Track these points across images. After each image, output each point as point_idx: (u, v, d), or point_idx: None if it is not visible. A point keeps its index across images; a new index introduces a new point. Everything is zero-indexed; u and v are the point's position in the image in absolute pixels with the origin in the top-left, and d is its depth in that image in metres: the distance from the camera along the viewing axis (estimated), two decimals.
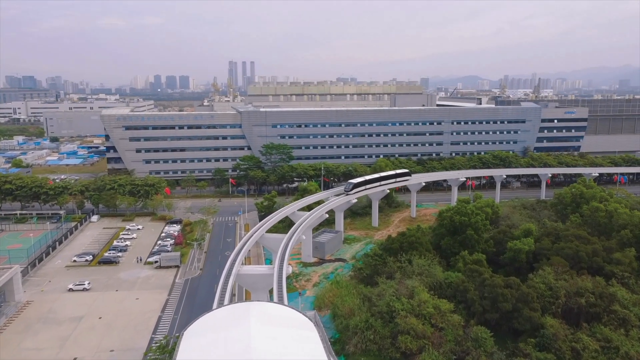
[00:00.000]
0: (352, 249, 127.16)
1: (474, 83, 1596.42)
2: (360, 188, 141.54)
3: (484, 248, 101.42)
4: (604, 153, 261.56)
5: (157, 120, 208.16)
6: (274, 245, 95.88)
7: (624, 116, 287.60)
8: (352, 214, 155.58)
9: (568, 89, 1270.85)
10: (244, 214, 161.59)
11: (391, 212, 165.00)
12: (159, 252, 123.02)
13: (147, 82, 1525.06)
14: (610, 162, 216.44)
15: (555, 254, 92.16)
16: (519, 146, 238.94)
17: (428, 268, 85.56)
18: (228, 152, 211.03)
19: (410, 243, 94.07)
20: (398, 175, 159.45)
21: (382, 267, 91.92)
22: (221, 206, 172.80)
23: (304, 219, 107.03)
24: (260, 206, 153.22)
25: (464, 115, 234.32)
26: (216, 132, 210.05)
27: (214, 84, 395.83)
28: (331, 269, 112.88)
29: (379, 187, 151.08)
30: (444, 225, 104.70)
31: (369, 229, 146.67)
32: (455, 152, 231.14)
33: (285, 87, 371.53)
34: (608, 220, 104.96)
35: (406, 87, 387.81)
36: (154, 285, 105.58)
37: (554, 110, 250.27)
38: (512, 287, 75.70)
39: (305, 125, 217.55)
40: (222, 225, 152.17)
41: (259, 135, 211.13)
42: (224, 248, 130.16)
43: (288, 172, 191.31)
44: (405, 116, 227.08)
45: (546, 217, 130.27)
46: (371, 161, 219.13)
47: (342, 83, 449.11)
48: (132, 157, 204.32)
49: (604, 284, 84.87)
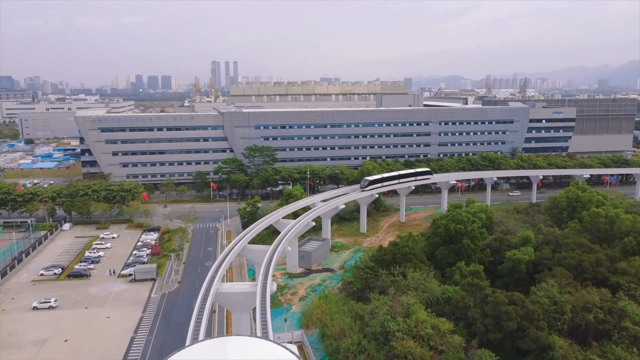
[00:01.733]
0: (340, 258, 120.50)
1: (457, 83, 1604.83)
2: (376, 185, 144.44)
3: (480, 257, 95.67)
4: (591, 153, 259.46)
5: (134, 122, 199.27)
6: (257, 257, 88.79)
7: (610, 116, 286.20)
8: (339, 219, 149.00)
9: (549, 88, 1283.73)
10: (226, 220, 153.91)
11: (379, 217, 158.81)
12: (134, 263, 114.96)
13: (128, 82, 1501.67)
14: (600, 163, 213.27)
15: (557, 264, 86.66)
16: (507, 147, 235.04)
17: (424, 282, 79.27)
18: (209, 154, 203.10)
19: (404, 254, 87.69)
20: (418, 173, 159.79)
21: (373, 280, 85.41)
22: (202, 212, 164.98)
23: (289, 228, 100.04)
24: (243, 212, 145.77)
25: (451, 115, 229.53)
26: (197, 134, 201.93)
27: (195, 84, 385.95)
28: (318, 280, 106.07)
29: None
30: (438, 233, 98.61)
31: (357, 235, 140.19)
32: (443, 154, 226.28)
33: (269, 87, 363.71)
34: (609, 227, 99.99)
35: (391, 87, 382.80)
36: (128, 301, 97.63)
37: (542, 111, 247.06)
38: (516, 303, 69.73)
39: (289, 126, 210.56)
40: (203, 233, 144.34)
41: (241, 137, 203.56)
42: (205, 258, 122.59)
43: (272, 175, 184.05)
44: (393, 117, 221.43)
45: (542, 222, 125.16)
46: (357, 163, 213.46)
47: (326, 83, 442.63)
48: (109, 161, 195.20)
49: (610, 296, 79.77)
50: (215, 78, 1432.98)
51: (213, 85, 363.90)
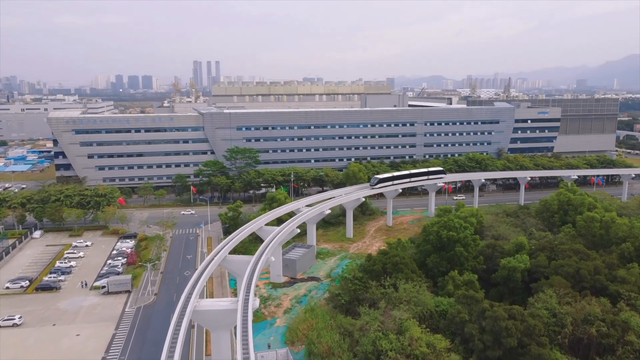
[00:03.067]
0: (326, 266, 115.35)
1: (439, 83, 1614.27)
2: (386, 183, 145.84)
3: (473, 265, 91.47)
4: (575, 153, 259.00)
5: (110, 123, 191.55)
6: (239, 269, 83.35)
7: (593, 116, 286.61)
8: (324, 223, 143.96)
9: (529, 88, 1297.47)
10: (207, 225, 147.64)
11: (366, 221, 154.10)
12: (107, 274, 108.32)
13: (108, 82, 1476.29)
14: (586, 164, 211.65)
15: (554, 273, 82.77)
16: (493, 147, 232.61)
17: (416, 294, 74.56)
18: (189, 156, 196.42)
19: (394, 264, 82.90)
20: (431, 172, 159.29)
21: (363, 292, 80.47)
22: (182, 217, 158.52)
23: (273, 237, 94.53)
24: (224, 217, 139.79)
25: (437, 116, 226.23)
26: (176, 136, 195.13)
27: (174, 84, 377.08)
28: (304, 290, 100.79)
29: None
30: (429, 241, 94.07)
31: (343, 240, 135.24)
32: (429, 154, 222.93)
33: (251, 87, 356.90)
34: (605, 232, 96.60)
35: (374, 87, 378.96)
36: (100, 316, 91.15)
37: (527, 111, 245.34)
38: (516, 318, 65.40)
39: (272, 127, 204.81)
40: (182, 239, 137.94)
41: (222, 139, 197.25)
42: (184, 267, 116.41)
43: (254, 177, 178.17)
44: (378, 117, 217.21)
45: (533, 226, 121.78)
46: (342, 164, 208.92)
47: (309, 83, 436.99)
48: (84, 164, 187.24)
49: (610, 306, 76.10)
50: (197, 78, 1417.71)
51: (194, 85, 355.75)
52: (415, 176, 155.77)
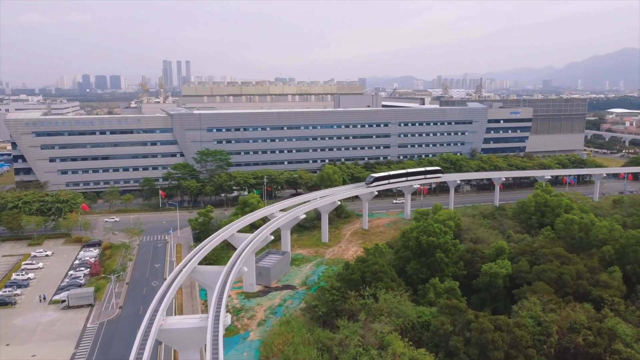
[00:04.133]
0: (301, 272, 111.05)
1: (409, 83, 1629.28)
2: (382, 182, 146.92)
3: (454, 271, 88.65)
4: (545, 153, 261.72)
5: (74, 125, 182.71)
6: (210, 280, 78.44)
7: (562, 116, 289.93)
8: (299, 227, 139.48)
9: (497, 88, 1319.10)
10: (177, 231, 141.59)
11: (341, 224, 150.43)
12: (68, 286, 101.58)
13: (74, 82, 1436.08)
14: (558, 163, 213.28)
15: (536, 278, 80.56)
16: (467, 148, 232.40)
17: (397, 305, 71.00)
18: (158, 159, 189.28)
19: (374, 272, 79.22)
20: (428, 172, 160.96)
21: (341, 303, 76.52)
22: (150, 222, 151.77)
23: (245, 245, 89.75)
24: (195, 223, 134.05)
25: (411, 116, 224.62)
26: (144, 138, 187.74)
27: (142, 84, 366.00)
28: (278, 300, 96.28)
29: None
30: (409, 247, 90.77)
31: (318, 245, 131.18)
32: (403, 155, 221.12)
33: (222, 87, 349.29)
34: (584, 234, 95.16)
35: (347, 87, 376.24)
36: (59, 333, 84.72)
37: (500, 111, 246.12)
38: (502, 329, 62.54)
39: (244, 128, 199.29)
40: (150, 247, 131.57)
41: (192, 141, 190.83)
42: (151, 277, 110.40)
43: (226, 181, 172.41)
44: (352, 118, 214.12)
45: (510, 228, 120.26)
46: (316, 166, 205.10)
47: (281, 83, 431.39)
48: (45, 168, 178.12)
49: (594, 312, 74.27)
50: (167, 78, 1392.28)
51: (162, 85, 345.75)
52: (412, 175, 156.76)
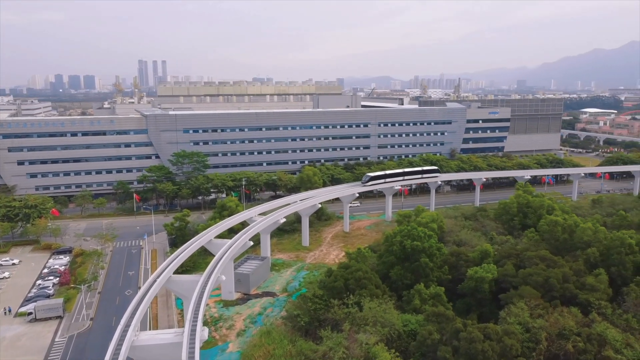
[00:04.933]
0: (281, 278, 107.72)
1: (387, 83, 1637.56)
2: (378, 181, 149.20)
3: (438, 276, 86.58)
4: (523, 152, 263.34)
5: (43, 127, 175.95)
6: (186, 290, 74.65)
7: (539, 116, 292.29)
8: (278, 231, 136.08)
9: (473, 88, 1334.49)
10: (152, 236, 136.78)
11: (321, 227, 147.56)
12: (36, 297, 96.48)
13: (47, 81, 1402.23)
14: (536, 163, 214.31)
15: (522, 282, 78.95)
16: (446, 148, 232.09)
17: (383, 314, 68.35)
18: (132, 161, 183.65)
19: (357, 280, 76.45)
20: (425, 171, 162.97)
21: (324, 312, 73.54)
22: (124, 227, 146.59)
23: (224, 252, 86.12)
24: (170, 228, 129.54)
25: (391, 116, 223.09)
26: (117, 139, 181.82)
27: (116, 84, 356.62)
28: (258, 308, 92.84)
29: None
30: (392, 251, 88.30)
31: (299, 249, 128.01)
32: (383, 156, 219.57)
33: (199, 88, 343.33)
34: (568, 236, 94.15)
35: (325, 87, 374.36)
36: (25, 349, 79.79)
37: (478, 111, 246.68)
38: (491, 338, 60.43)
39: (221, 129, 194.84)
40: (124, 253, 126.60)
41: (168, 142, 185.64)
42: (125, 285, 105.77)
43: (203, 183, 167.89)
44: (331, 118, 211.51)
45: (493, 230, 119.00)
46: (296, 167, 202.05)
47: (259, 83, 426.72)
48: (13, 171, 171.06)
49: (582, 317, 72.92)
50: (143, 78, 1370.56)
51: (137, 84, 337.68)
52: (409, 174, 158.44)
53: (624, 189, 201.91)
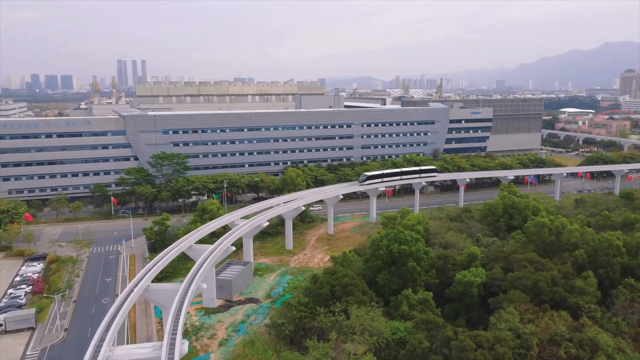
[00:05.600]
0: (265, 284, 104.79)
1: (368, 83, 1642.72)
2: (375, 180, 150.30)
3: (426, 280, 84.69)
4: (504, 152, 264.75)
5: (17, 128, 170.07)
6: (165, 299, 71.40)
7: (520, 116, 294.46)
8: (261, 234, 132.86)
9: (453, 88, 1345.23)
10: (130, 241, 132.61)
11: (305, 230, 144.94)
12: (6, 308, 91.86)
13: (23, 81, 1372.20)
14: (519, 163, 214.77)
15: (511, 286, 77.45)
16: (429, 148, 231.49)
17: (370, 322, 66.05)
18: (110, 164, 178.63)
19: (344, 286, 74.03)
20: (423, 171, 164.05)
21: (309, 321, 70.99)
22: (101, 231, 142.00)
23: (204, 258, 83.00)
24: (149, 233, 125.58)
25: (374, 117, 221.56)
26: (94, 141, 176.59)
27: (93, 84, 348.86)
28: (241, 315, 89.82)
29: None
30: (379, 256, 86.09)
31: (282, 253, 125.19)
32: (366, 156, 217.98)
33: (179, 88, 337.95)
34: (555, 238, 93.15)
35: (308, 87, 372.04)
36: None
37: (461, 111, 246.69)
38: (483, 346, 58.60)
39: (202, 130, 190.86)
40: (101, 259, 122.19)
41: (147, 144, 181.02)
42: (102, 293, 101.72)
43: (184, 186, 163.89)
44: (314, 119, 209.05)
45: (479, 232, 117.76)
46: (278, 169, 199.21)
47: (240, 83, 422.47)
48: None
49: (572, 320, 71.69)
50: (122, 78, 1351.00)
51: (115, 84, 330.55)
52: (407, 174, 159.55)
53: (605, 189, 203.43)
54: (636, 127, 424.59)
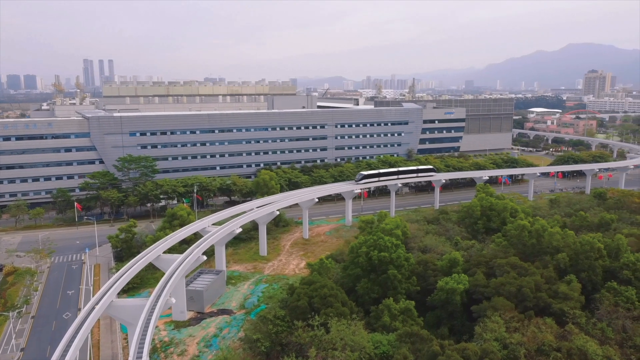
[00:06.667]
0: (238, 293, 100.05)
1: (340, 83, 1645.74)
2: (371, 180, 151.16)
3: (407, 288, 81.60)
4: (477, 152, 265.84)
5: None
6: (130, 316, 66.29)
7: (492, 115, 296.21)
8: (234, 240, 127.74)
9: (423, 88, 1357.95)
10: (95, 249, 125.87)
11: (280, 234, 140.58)
12: None
13: None
14: (492, 163, 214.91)
15: (495, 293, 75.06)
16: (403, 148, 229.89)
17: (352, 336, 62.38)
18: (73, 167, 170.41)
19: (323, 297, 70.15)
20: (420, 170, 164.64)
21: (287, 335, 66.89)
22: (64, 239, 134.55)
23: (174, 269, 77.87)
24: (115, 240, 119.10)
25: (348, 117, 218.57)
26: (56, 144, 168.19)
27: (55, 84, 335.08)
28: (213, 328, 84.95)
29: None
30: (358, 263, 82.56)
31: (256, 259, 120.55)
32: (341, 158, 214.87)
33: (147, 88, 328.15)
34: (536, 241, 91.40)
35: (280, 87, 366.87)
36: None
37: (434, 111, 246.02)
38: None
39: (171, 132, 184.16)
40: (63, 269, 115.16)
41: (113, 146, 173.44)
42: (63, 307, 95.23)
43: (152, 190, 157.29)
44: (287, 119, 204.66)
45: (457, 234, 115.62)
46: (251, 171, 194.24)
47: (211, 83, 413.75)
48: None
49: (557, 327, 69.68)
50: (88, 78, 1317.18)
51: (80, 84, 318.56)
52: (404, 173, 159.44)
53: (576, 188, 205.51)
54: (601, 126, 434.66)
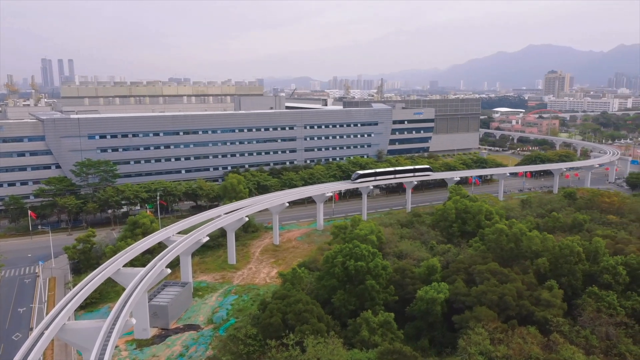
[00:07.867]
0: (206, 306, 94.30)
1: (306, 83, 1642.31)
2: (368, 179, 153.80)
3: (384, 298, 77.82)
4: (445, 152, 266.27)
5: None
6: (85, 340, 60.01)
7: (459, 115, 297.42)
8: (201, 247, 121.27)
9: (389, 89, 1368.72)
10: (51, 261, 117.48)
11: (249, 240, 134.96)
12: None
13: None
14: (462, 163, 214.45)
15: (477, 302, 72.05)
16: (373, 149, 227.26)
17: (330, 356, 57.99)
18: (27, 173, 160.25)
19: (297, 313, 65.45)
20: (417, 170, 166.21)
21: (259, 355, 61.96)
22: (17, 250, 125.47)
23: (135, 284, 71.72)
24: (72, 252, 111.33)
25: (318, 118, 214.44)
26: (8, 148, 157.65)
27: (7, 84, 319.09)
28: (179, 346, 79.16)
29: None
30: (334, 274, 78.20)
31: (225, 268, 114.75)
32: (310, 159, 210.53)
33: (108, 88, 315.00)
34: (515, 245, 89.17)
35: (247, 87, 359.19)
36: None
37: (403, 111, 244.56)
38: None
39: (133, 134, 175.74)
40: (14, 284, 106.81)
41: (70, 150, 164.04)
42: (13, 327, 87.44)
43: (113, 196, 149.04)
44: (255, 121, 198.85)
45: (432, 238, 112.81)
46: (218, 174, 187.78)
47: (175, 83, 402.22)
48: None
49: (541, 337, 67.18)
50: (47, 78, 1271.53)
51: (34, 85, 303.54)
52: (400, 173, 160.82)
53: (544, 187, 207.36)
54: (563, 125, 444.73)
